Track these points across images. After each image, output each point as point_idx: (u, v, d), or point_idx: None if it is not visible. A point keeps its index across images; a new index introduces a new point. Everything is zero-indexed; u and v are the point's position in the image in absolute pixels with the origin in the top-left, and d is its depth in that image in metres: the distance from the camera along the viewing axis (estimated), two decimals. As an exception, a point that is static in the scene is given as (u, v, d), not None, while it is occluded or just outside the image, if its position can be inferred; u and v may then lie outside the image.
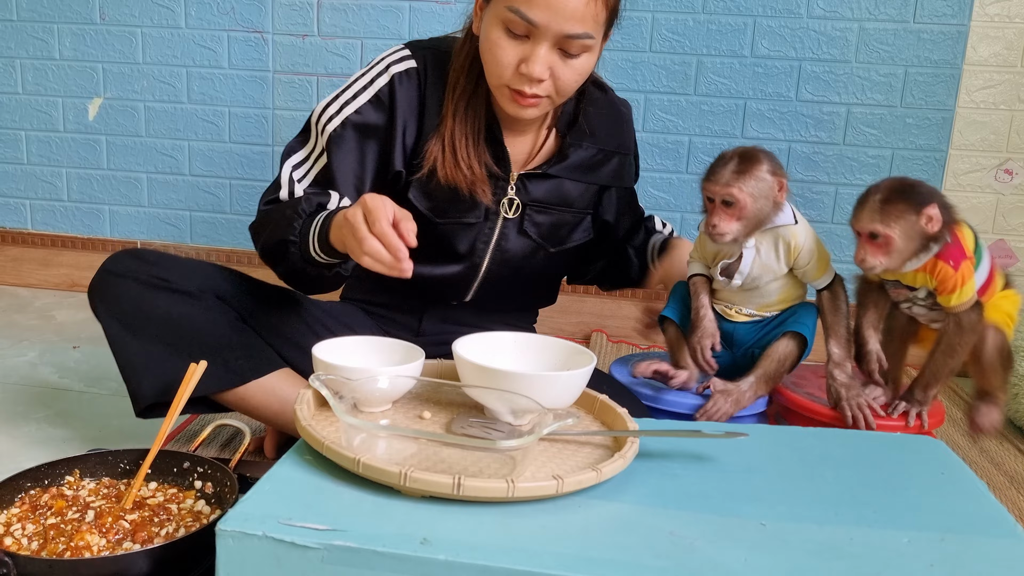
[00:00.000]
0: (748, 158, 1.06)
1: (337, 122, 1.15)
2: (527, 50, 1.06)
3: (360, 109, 1.16)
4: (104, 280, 1.13)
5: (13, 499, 0.91)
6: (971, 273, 1.07)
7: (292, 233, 1.07)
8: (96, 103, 2.17)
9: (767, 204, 1.07)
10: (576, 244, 1.32)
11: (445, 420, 0.91)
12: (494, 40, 1.07)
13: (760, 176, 1.05)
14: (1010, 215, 1.93)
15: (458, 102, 1.16)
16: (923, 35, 1.88)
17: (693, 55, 1.95)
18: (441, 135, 1.16)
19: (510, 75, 1.08)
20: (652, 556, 0.66)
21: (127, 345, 1.11)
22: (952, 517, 0.78)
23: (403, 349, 0.97)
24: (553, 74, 1.07)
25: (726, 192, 1.05)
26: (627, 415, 0.91)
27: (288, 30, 2.06)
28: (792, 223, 1.09)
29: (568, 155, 1.23)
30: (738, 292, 1.15)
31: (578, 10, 1.03)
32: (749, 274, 1.11)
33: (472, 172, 1.17)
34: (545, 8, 1.02)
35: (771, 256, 1.10)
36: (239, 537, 0.66)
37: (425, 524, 0.68)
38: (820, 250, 1.13)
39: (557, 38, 1.04)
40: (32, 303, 2.14)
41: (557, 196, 1.25)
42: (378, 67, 1.18)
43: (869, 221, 1.04)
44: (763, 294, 1.16)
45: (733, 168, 1.05)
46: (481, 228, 1.23)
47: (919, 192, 1.04)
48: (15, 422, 1.38)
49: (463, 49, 1.17)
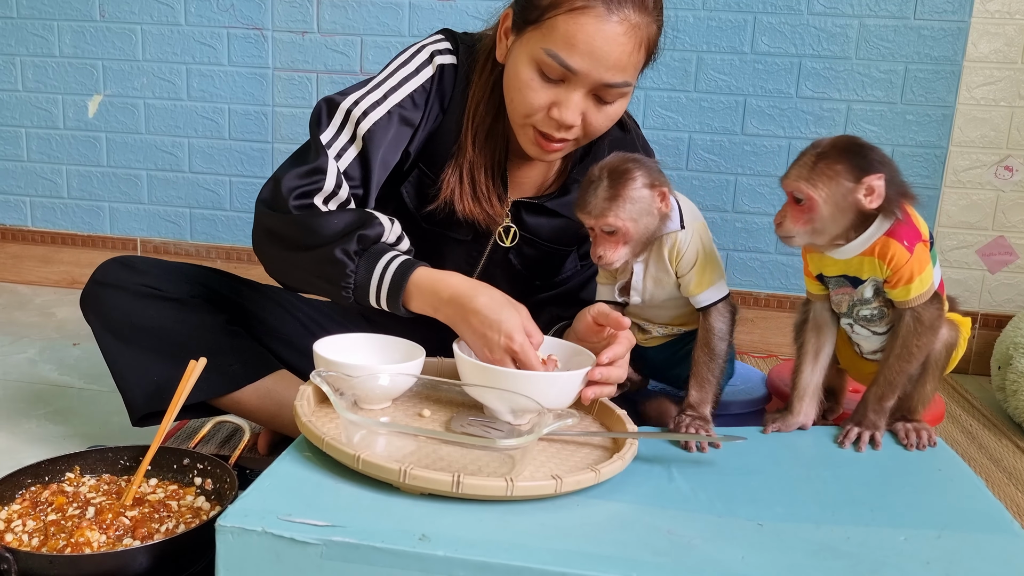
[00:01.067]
0: (618, 177, 0.94)
1: (382, 111, 1.06)
2: (560, 95, 0.99)
3: (405, 100, 1.07)
4: (94, 292, 1.13)
5: (14, 495, 0.91)
6: (928, 259, 0.90)
7: (345, 280, 0.97)
8: (96, 100, 2.17)
9: (651, 221, 0.96)
10: (566, 276, 1.26)
11: (445, 418, 0.91)
12: (525, 80, 1.00)
13: (635, 197, 0.94)
14: (1010, 212, 1.93)
15: (477, 131, 1.09)
16: (923, 31, 1.88)
17: (693, 51, 1.95)
18: (459, 165, 1.10)
19: (540, 118, 1.01)
20: (650, 554, 0.67)
21: (121, 356, 1.11)
22: (949, 514, 0.78)
23: (404, 347, 0.97)
24: (584, 119, 1.01)
25: (603, 223, 0.94)
26: (626, 416, 0.91)
27: (288, 27, 2.06)
28: (677, 229, 0.98)
29: (571, 191, 1.16)
30: (645, 308, 1.05)
31: (621, 60, 0.96)
32: (644, 289, 1.02)
33: (492, 207, 1.11)
34: (588, 56, 0.95)
35: (660, 267, 1.00)
36: (239, 533, 0.66)
37: (424, 521, 0.68)
38: (707, 260, 0.98)
39: (595, 85, 0.98)
40: (32, 300, 2.14)
41: (549, 231, 1.18)
42: (422, 55, 1.10)
43: (795, 178, 0.87)
44: (668, 307, 1.04)
45: (604, 196, 0.94)
46: (469, 248, 1.18)
47: (865, 157, 0.86)
48: (15, 419, 1.38)
49: (483, 73, 1.09)
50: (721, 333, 0.98)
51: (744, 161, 1.99)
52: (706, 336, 0.98)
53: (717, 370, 0.98)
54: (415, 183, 1.14)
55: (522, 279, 1.23)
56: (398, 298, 0.96)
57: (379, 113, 1.06)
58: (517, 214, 1.16)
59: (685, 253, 0.98)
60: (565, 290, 1.28)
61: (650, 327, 1.06)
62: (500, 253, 1.19)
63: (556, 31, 0.96)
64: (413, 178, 1.14)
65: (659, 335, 1.06)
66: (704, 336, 0.98)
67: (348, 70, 2.05)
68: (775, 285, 2.03)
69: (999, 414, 1.68)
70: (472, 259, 1.19)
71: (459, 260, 1.19)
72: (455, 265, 1.19)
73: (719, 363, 0.98)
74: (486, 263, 1.20)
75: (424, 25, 1.99)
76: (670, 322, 1.06)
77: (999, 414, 1.68)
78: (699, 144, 1.99)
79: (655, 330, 1.06)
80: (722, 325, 0.98)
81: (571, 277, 1.28)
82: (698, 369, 0.98)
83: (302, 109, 2.09)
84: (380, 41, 2.03)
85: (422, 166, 1.13)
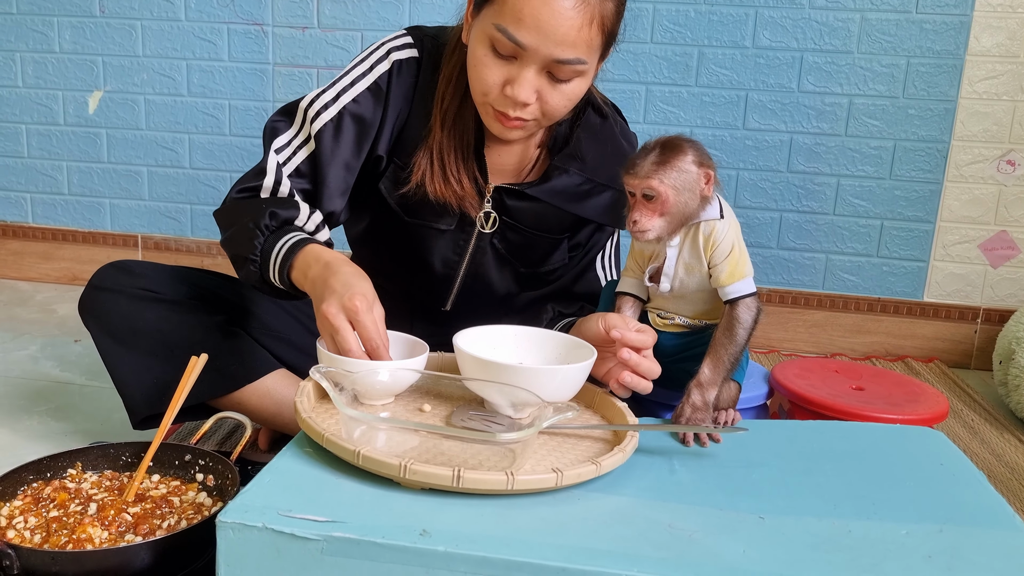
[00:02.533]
0: (670, 148, 0.96)
1: (333, 111, 1.09)
2: (513, 72, 0.99)
3: (358, 98, 1.10)
4: (93, 296, 1.13)
5: (16, 492, 0.92)
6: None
7: (252, 251, 1.02)
8: (96, 96, 2.17)
9: (692, 198, 0.96)
10: (552, 267, 1.25)
11: (445, 413, 0.91)
12: (479, 57, 1.00)
13: (683, 167, 0.95)
14: (1012, 206, 1.93)
15: (446, 113, 1.10)
16: (925, 25, 1.87)
17: (694, 46, 1.94)
18: (429, 147, 1.11)
19: (495, 95, 1.01)
20: (651, 548, 0.67)
21: (120, 359, 1.11)
22: (951, 508, 0.78)
23: (407, 343, 0.97)
24: (541, 98, 1.01)
25: (645, 185, 0.94)
26: (627, 409, 0.91)
27: (288, 22, 2.06)
28: (717, 218, 0.99)
29: (552, 178, 1.15)
30: (672, 299, 1.03)
31: (569, 35, 0.95)
32: (675, 275, 1.01)
33: (462, 187, 1.12)
34: (534, 31, 0.95)
35: (693, 254, 1.00)
36: (239, 529, 0.66)
37: (425, 516, 0.68)
38: (739, 253, 0.99)
39: (546, 62, 0.98)
40: (33, 297, 2.14)
41: (532, 218, 1.18)
42: (378, 52, 1.12)
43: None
44: (694, 300, 1.03)
45: (654, 159, 0.95)
46: (455, 238, 1.18)
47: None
48: (17, 415, 1.38)
49: (452, 57, 1.11)
50: (746, 324, 0.98)
51: (746, 156, 1.98)
52: (730, 323, 0.98)
53: (735, 355, 0.98)
54: (391, 176, 1.15)
55: (509, 267, 1.23)
56: (285, 268, 0.99)
57: (331, 112, 1.09)
58: (500, 200, 1.17)
59: (721, 243, 0.98)
60: (559, 286, 1.28)
61: (673, 317, 1.06)
62: (485, 241, 1.19)
63: (506, 6, 0.96)
64: (389, 172, 1.15)
65: (680, 323, 1.05)
66: (728, 322, 0.98)
67: (348, 65, 2.05)
68: (777, 280, 2.03)
69: (1001, 409, 1.67)
70: (459, 248, 1.19)
71: (446, 251, 1.19)
72: (442, 256, 1.20)
73: (737, 350, 0.98)
74: (473, 251, 1.20)
75: (424, 19, 1.98)
76: (693, 316, 1.05)
77: (1001, 409, 1.67)
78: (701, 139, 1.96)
79: (678, 318, 1.05)
80: (748, 317, 0.98)
81: (561, 270, 1.27)
82: (715, 349, 0.97)
83: (302, 105, 2.09)
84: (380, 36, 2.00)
85: (396, 160, 1.14)
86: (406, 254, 1.21)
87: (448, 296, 1.25)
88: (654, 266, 1.02)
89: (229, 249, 1.07)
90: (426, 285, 1.24)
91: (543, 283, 1.28)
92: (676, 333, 1.06)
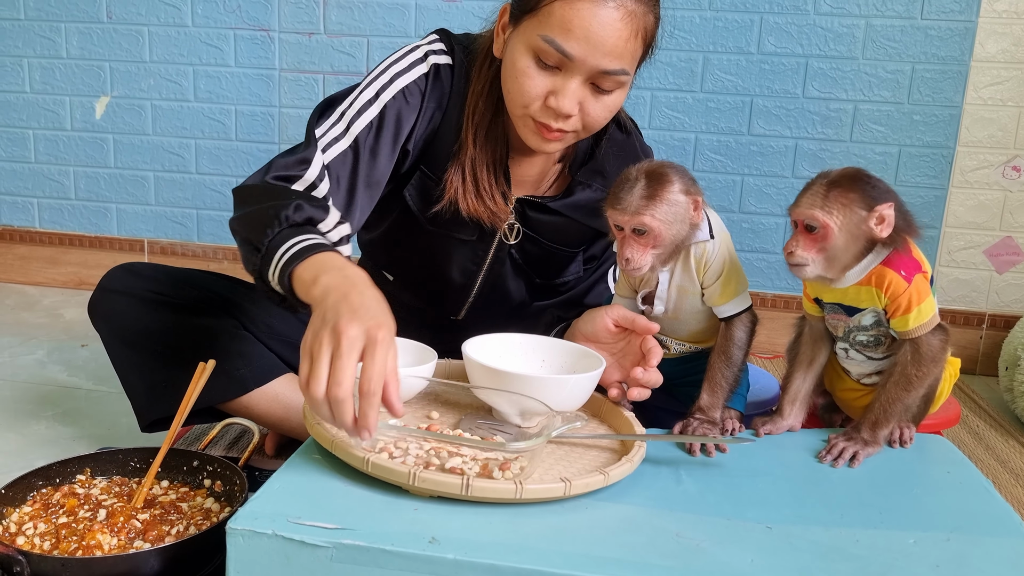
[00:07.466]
0: (656, 179, 0.93)
1: (375, 110, 1.06)
2: (557, 83, 0.98)
3: (395, 97, 1.06)
4: (102, 298, 1.13)
5: (25, 498, 0.92)
6: (928, 290, 0.91)
7: (261, 239, 0.91)
8: (103, 102, 2.18)
9: (682, 228, 0.94)
10: (567, 279, 1.25)
11: (453, 421, 0.91)
12: (521, 69, 0.99)
13: (672, 199, 0.93)
14: (1017, 212, 1.93)
15: (478, 128, 1.09)
16: (930, 31, 1.87)
17: (699, 52, 1.95)
18: (461, 163, 1.09)
19: (537, 107, 1.00)
20: (659, 556, 0.67)
21: (129, 362, 1.11)
22: (958, 516, 0.78)
23: (417, 350, 0.97)
24: (582, 109, 1.00)
25: (636, 221, 0.92)
26: (634, 419, 0.92)
27: (294, 28, 2.06)
28: (707, 239, 0.97)
29: (575, 192, 1.16)
30: (667, 320, 1.03)
31: (618, 46, 0.96)
32: (669, 298, 1.00)
33: (495, 203, 1.11)
34: (584, 41, 0.95)
35: (686, 276, 0.99)
36: (249, 535, 0.66)
37: (434, 524, 0.69)
38: (732, 271, 0.98)
39: (591, 73, 0.97)
40: (40, 301, 2.15)
41: (553, 230, 1.18)
42: (415, 54, 1.10)
43: (809, 206, 0.88)
44: (688, 321, 1.03)
45: (641, 193, 0.92)
46: (475, 248, 1.18)
47: (875, 186, 0.88)
48: (24, 420, 1.39)
49: (482, 70, 1.09)
50: (740, 343, 0.99)
51: (750, 161, 1.98)
52: (725, 344, 0.99)
53: (732, 377, 0.98)
54: (418, 186, 1.14)
55: (525, 277, 1.23)
56: (289, 268, 0.87)
57: (372, 112, 1.06)
58: (522, 211, 1.17)
59: (712, 263, 0.97)
60: (570, 296, 1.28)
61: (668, 341, 1.06)
62: (504, 251, 1.19)
63: (552, 17, 0.96)
64: (416, 181, 1.14)
65: (675, 352, 1.06)
66: (723, 344, 0.99)
67: (354, 71, 2.06)
68: (782, 286, 2.03)
69: (1007, 415, 1.67)
70: (478, 258, 1.20)
71: (465, 260, 1.20)
72: (461, 265, 1.20)
73: (734, 371, 0.98)
74: (492, 262, 1.20)
75: (430, 26, 1.99)
76: (688, 338, 1.05)
77: (1007, 415, 1.67)
78: (705, 144, 1.99)
79: (673, 345, 1.06)
80: (742, 335, 0.99)
81: (574, 283, 1.28)
82: (712, 374, 0.98)
83: (308, 110, 2.08)
84: (386, 42, 2.03)
85: (424, 168, 1.13)
86: (424, 261, 1.21)
87: (463, 305, 1.26)
88: (646, 291, 1.02)
89: (239, 227, 0.98)
90: (442, 293, 1.25)
91: (556, 293, 1.28)
92: (672, 359, 1.06)
